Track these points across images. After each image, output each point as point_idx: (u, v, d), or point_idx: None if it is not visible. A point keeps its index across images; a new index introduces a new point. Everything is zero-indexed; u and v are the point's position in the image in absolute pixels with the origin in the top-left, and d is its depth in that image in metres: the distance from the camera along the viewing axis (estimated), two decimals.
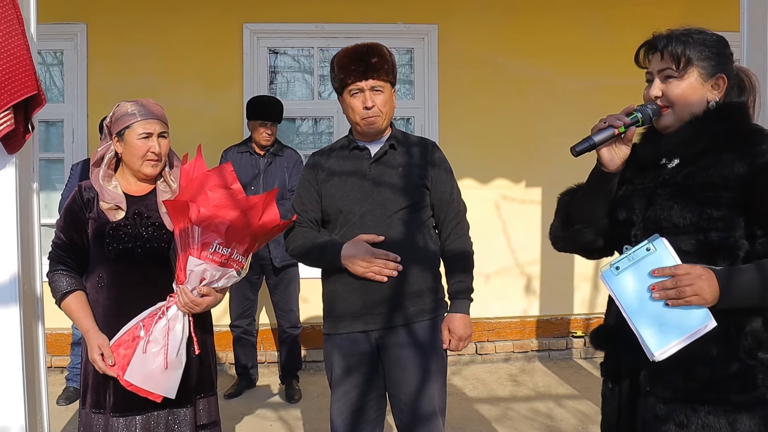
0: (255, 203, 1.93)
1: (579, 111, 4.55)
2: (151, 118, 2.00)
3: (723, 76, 1.48)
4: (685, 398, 1.39)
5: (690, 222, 1.40)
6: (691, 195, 1.42)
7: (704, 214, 1.39)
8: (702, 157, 1.44)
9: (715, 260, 1.39)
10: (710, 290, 1.32)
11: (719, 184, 1.39)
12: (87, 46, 4.49)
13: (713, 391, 1.37)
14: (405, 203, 2.07)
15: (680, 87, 1.47)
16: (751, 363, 1.36)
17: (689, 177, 1.44)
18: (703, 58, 1.47)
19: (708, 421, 1.36)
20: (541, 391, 4.09)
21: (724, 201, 1.38)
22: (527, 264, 4.77)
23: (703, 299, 1.32)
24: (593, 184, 1.60)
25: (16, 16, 2.02)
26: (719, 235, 1.38)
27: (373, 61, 2.04)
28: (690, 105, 1.47)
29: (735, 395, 1.36)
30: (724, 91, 1.49)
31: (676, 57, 1.47)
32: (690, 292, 1.32)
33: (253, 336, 4.08)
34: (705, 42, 1.48)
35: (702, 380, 1.37)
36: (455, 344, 2.09)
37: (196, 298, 1.91)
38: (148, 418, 1.96)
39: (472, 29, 4.67)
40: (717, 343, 1.36)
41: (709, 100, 1.48)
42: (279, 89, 4.77)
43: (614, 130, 1.50)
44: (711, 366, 1.37)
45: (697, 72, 1.47)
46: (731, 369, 1.36)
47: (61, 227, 2.04)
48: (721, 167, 1.40)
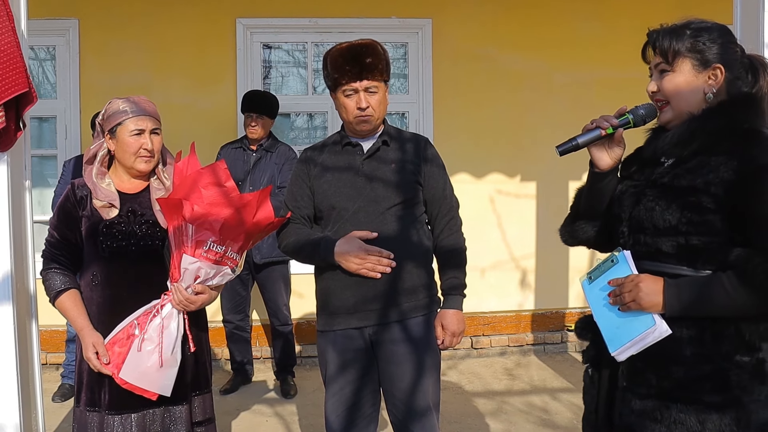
0: (249, 201, 1.93)
1: (574, 104, 4.57)
2: (143, 115, 1.99)
3: (719, 66, 1.44)
4: (659, 395, 1.41)
5: (669, 225, 1.40)
6: (674, 198, 1.41)
7: (684, 218, 1.38)
8: (693, 158, 1.42)
9: (696, 264, 1.39)
10: (648, 298, 1.39)
11: (701, 189, 1.38)
12: (79, 41, 4.46)
13: (685, 390, 1.39)
14: (398, 199, 2.07)
15: (673, 81, 1.46)
16: (725, 365, 1.37)
17: (676, 179, 1.43)
18: (696, 49, 1.45)
19: (679, 418, 1.39)
20: (536, 384, 4.11)
21: (705, 206, 1.37)
22: (522, 258, 4.78)
23: (639, 305, 1.40)
24: (588, 182, 1.63)
25: (6, 13, 2.00)
26: (701, 240, 1.38)
27: (368, 61, 2.02)
28: (685, 98, 1.45)
29: (707, 395, 1.37)
30: (723, 82, 1.45)
31: (663, 51, 1.46)
32: (628, 298, 1.42)
33: (246, 332, 4.07)
34: (698, 33, 1.45)
35: (675, 380, 1.40)
36: (449, 340, 2.10)
37: (190, 295, 1.92)
38: (144, 415, 1.96)
39: (467, 23, 4.66)
40: (692, 345, 1.38)
41: (706, 91, 1.44)
42: (273, 84, 4.75)
43: (601, 131, 1.52)
44: (684, 366, 1.39)
45: (689, 63, 1.45)
46: (704, 370, 1.38)
47: (55, 225, 2.03)
48: (708, 171, 1.38)
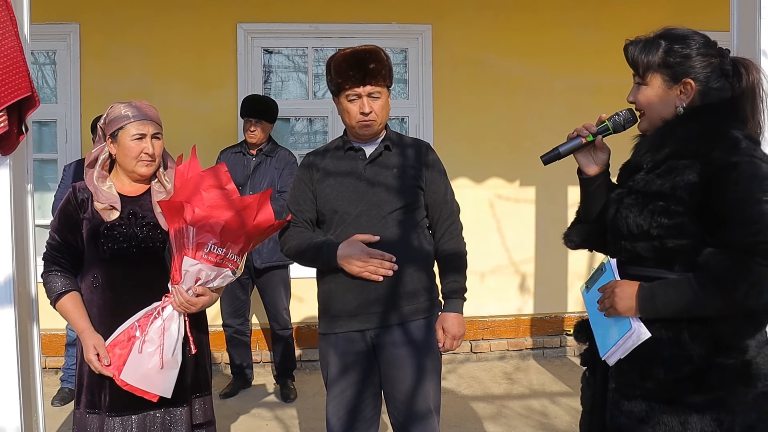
0: (249, 203, 1.94)
1: (574, 110, 4.58)
2: (144, 120, 2.00)
3: (689, 81, 1.46)
4: (644, 396, 1.44)
5: (642, 230, 1.44)
6: (645, 203, 1.45)
7: (654, 222, 1.42)
8: (664, 163, 1.46)
9: (673, 267, 1.43)
10: (622, 303, 1.45)
11: (668, 193, 1.42)
12: (80, 46, 4.47)
13: (667, 391, 1.41)
14: (400, 204, 2.08)
15: (645, 93, 1.51)
16: (704, 366, 1.38)
17: (647, 184, 1.47)
18: (667, 65, 1.47)
19: (663, 419, 1.41)
20: (535, 388, 4.11)
21: (674, 209, 1.40)
22: (522, 263, 4.79)
23: (616, 310, 1.46)
24: (580, 189, 1.69)
25: (9, 17, 2.01)
26: (675, 242, 1.41)
27: (371, 67, 2.04)
28: (657, 111, 1.50)
29: (688, 396, 1.39)
30: (695, 94, 1.47)
31: (636, 65, 1.51)
32: (608, 303, 1.49)
33: (246, 336, 4.07)
34: (672, 47, 1.47)
35: (657, 380, 1.42)
36: (449, 343, 2.11)
37: (191, 298, 1.92)
38: (144, 417, 1.96)
39: (466, 29, 4.68)
40: (669, 346, 1.41)
41: (677, 105, 1.47)
42: (273, 89, 4.77)
43: (582, 139, 1.61)
44: (664, 367, 1.41)
45: (660, 79, 1.48)
46: (684, 371, 1.40)
47: (56, 228, 2.04)
48: (675, 175, 1.42)
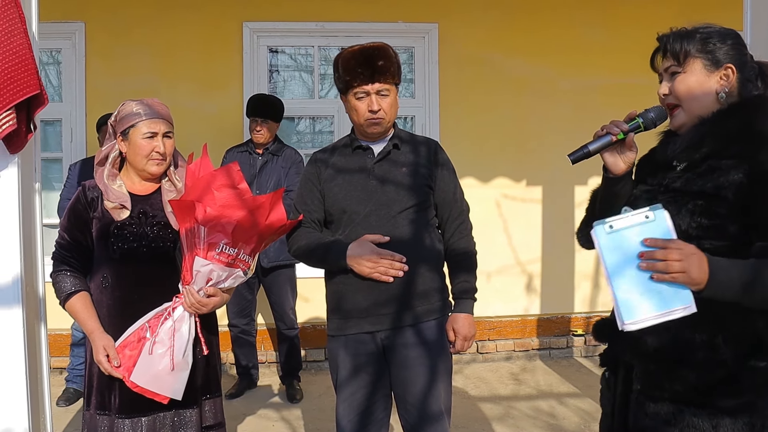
0: (262, 203, 1.92)
1: (579, 110, 4.57)
2: (156, 118, 1.98)
3: (731, 65, 1.44)
4: (672, 399, 1.40)
5: (680, 229, 1.37)
6: (684, 203, 1.41)
7: (693, 223, 1.38)
8: (704, 162, 1.42)
9: None
10: (699, 271, 1.25)
11: (711, 193, 1.37)
12: (85, 44, 4.46)
13: (698, 394, 1.38)
14: (410, 203, 2.06)
15: (685, 82, 1.45)
16: (737, 370, 1.35)
17: (687, 184, 1.42)
18: (706, 50, 1.44)
19: (692, 422, 1.37)
20: (542, 389, 4.09)
21: (716, 210, 1.36)
22: (528, 263, 4.77)
23: (690, 278, 1.25)
24: (602, 187, 1.62)
25: (18, 15, 2.00)
26: (713, 244, 1.36)
27: (380, 64, 2.02)
28: (697, 100, 1.45)
29: (720, 400, 1.36)
30: (735, 82, 1.44)
31: (675, 52, 1.46)
32: (678, 267, 1.25)
33: (252, 336, 4.05)
34: (709, 35, 1.45)
35: (688, 383, 1.38)
36: (460, 344, 2.09)
37: (202, 298, 1.90)
38: (154, 419, 1.94)
39: (473, 28, 4.66)
40: (702, 349, 1.37)
41: (718, 91, 1.44)
42: (278, 88, 4.75)
43: (612, 137, 1.51)
44: (696, 370, 1.37)
45: (700, 64, 1.45)
46: (717, 374, 1.36)
47: (65, 227, 2.02)
48: (718, 175, 1.38)
